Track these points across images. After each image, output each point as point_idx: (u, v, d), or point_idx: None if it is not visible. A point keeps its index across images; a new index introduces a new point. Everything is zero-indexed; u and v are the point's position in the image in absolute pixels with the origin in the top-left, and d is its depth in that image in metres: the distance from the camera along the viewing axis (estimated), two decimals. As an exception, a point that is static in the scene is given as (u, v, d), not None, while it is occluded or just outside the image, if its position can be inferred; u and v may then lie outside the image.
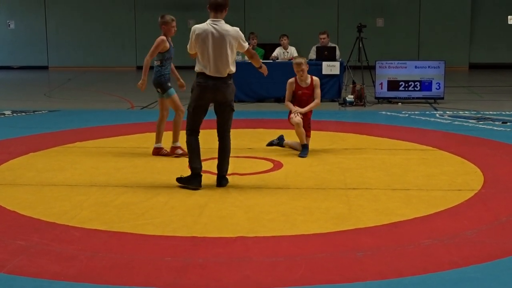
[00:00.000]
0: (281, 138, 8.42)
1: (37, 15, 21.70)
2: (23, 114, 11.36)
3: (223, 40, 6.22)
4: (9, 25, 21.88)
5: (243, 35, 6.33)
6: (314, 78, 8.16)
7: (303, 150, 7.88)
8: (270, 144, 8.42)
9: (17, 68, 21.70)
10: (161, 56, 7.64)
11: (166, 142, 7.92)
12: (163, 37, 7.62)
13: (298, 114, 7.96)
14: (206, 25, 6.28)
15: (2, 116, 11.12)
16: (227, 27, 6.28)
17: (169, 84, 7.73)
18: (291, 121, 7.98)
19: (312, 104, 8.12)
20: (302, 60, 8.06)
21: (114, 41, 21.45)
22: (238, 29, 6.35)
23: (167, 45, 7.63)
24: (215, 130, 6.54)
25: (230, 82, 6.35)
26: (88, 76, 18.92)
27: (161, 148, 7.84)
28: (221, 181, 6.49)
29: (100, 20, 21.50)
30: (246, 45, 6.42)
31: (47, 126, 10.01)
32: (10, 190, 6.35)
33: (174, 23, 7.66)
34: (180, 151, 7.76)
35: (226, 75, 6.28)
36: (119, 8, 21.52)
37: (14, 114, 11.29)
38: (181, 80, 8.08)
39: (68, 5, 21.53)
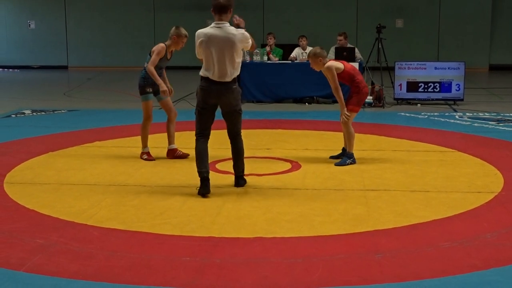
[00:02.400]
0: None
1: (57, 15, 21.86)
2: (43, 113, 11.43)
3: (227, 44, 6.05)
4: (29, 25, 22.06)
5: (248, 36, 6.13)
6: (325, 66, 7.41)
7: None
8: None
9: (37, 67, 21.87)
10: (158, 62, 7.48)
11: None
12: (164, 45, 7.45)
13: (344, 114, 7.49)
14: (210, 28, 6.15)
15: (22, 115, 11.21)
16: (232, 30, 6.11)
17: (149, 90, 7.58)
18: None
19: (338, 100, 7.52)
20: (310, 52, 7.56)
21: (133, 42, 21.53)
22: (243, 31, 6.17)
23: (164, 53, 7.46)
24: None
25: (234, 87, 6.17)
26: (107, 76, 19.02)
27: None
28: (239, 181, 6.45)
29: (119, 21, 21.61)
30: (250, 42, 6.17)
31: (67, 126, 10.07)
32: (29, 189, 6.39)
33: (185, 40, 7.48)
34: (179, 153, 7.76)
35: (231, 79, 6.11)
36: (138, 9, 21.61)
37: (34, 114, 11.37)
38: (169, 86, 7.74)
39: (88, 5, 21.66)
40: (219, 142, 8.64)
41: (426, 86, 12.56)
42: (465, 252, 4.66)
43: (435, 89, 12.54)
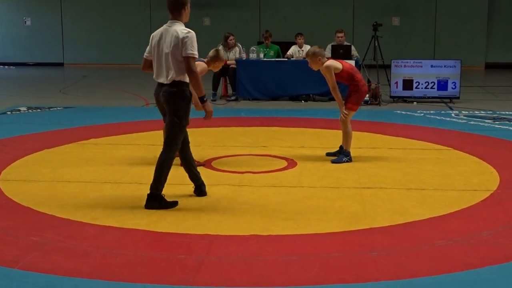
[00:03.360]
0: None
1: (53, 12, 21.80)
2: (39, 110, 11.41)
3: (167, 42, 5.57)
4: (25, 22, 21.99)
5: (192, 40, 5.49)
6: (323, 65, 7.36)
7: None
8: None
9: (33, 64, 21.81)
10: None
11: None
12: (206, 67, 7.10)
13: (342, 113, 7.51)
14: (162, 27, 5.73)
15: (18, 112, 11.18)
16: (177, 28, 5.58)
17: None
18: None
19: (336, 99, 7.54)
20: (308, 51, 7.49)
21: (130, 39, 21.47)
22: (188, 32, 5.53)
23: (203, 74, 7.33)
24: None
25: (175, 90, 5.57)
26: (103, 73, 18.98)
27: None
28: (147, 201, 5.66)
29: (115, 18, 21.56)
30: (187, 52, 5.48)
31: (62, 123, 10.04)
32: (24, 186, 6.38)
33: (223, 64, 7.37)
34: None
35: (169, 81, 5.57)
36: (134, 6, 21.56)
37: (30, 111, 11.34)
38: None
39: (84, 2, 21.60)
40: (214, 140, 8.65)
41: (422, 84, 12.56)
42: (460, 250, 4.66)
43: (431, 87, 12.54)
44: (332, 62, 7.41)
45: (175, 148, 5.75)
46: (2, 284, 4.08)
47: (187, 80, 5.64)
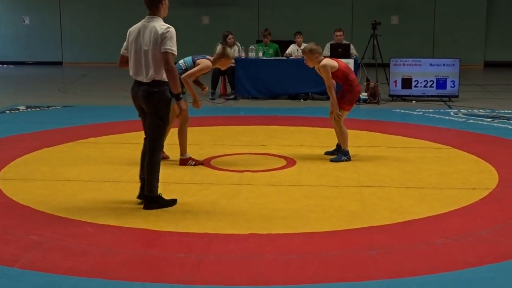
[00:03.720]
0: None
1: (51, 11, 21.77)
2: (37, 109, 11.40)
3: (146, 39, 5.41)
4: (24, 20, 21.97)
5: (171, 36, 5.35)
6: (320, 64, 7.36)
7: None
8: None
9: (32, 63, 21.79)
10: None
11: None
12: (210, 64, 7.13)
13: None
14: (140, 23, 5.56)
15: (17, 111, 11.18)
16: (156, 23, 5.42)
17: (183, 89, 7.43)
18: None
19: (331, 97, 7.51)
20: (305, 48, 7.47)
21: (128, 38, 21.47)
22: (167, 27, 5.40)
23: (207, 71, 7.28)
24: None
25: (155, 90, 5.45)
26: (102, 72, 18.96)
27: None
28: (145, 203, 5.64)
29: (114, 17, 21.52)
30: (166, 47, 5.34)
31: (61, 122, 10.04)
32: (23, 185, 6.38)
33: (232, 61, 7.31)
34: (192, 162, 7.29)
35: (149, 80, 5.45)
36: (133, 5, 21.50)
37: (29, 110, 11.34)
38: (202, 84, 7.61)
39: (83, 1, 21.57)
40: (213, 139, 8.65)
41: (421, 82, 12.56)
42: (459, 248, 4.67)
43: (430, 86, 12.55)
44: (328, 61, 7.41)
45: (160, 148, 5.68)
46: (2, 283, 4.08)
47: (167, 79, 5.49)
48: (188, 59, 7.25)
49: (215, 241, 4.82)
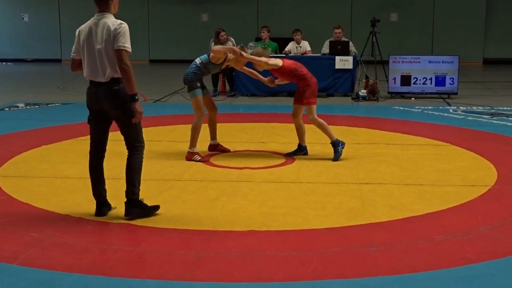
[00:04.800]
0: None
1: (50, 8, 21.77)
2: (37, 106, 11.40)
3: (99, 37, 5.12)
4: (23, 18, 21.96)
5: (124, 32, 5.10)
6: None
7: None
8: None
9: (31, 61, 21.79)
10: (210, 65, 7.45)
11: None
12: (238, 50, 7.40)
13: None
14: (90, 21, 5.26)
15: (16, 108, 11.17)
16: (108, 20, 5.14)
17: (198, 85, 7.41)
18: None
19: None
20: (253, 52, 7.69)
21: (128, 35, 21.47)
22: (120, 23, 5.14)
23: (221, 60, 7.46)
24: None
25: (117, 88, 5.16)
26: (101, 70, 18.95)
27: (217, 144, 7.84)
28: (126, 208, 5.31)
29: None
30: (119, 44, 5.07)
31: (60, 119, 10.04)
32: (23, 182, 6.38)
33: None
34: (198, 157, 7.34)
35: (108, 80, 5.16)
36: (132, 2, 21.53)
37: (28, 107, 11.33)
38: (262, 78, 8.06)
39: (82, -2, 21.58)
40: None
41: (420, 80, 12.56)
42: (459, 245, 4.67)
43: (429, 83, 12.55)
44: (271, 59, 7.50)
45: (142, 146, 5.40)
46: (2, 280, 4.08)
47: None
48: (204, 56, 7.49)
49: (215, 238, 4.82)
